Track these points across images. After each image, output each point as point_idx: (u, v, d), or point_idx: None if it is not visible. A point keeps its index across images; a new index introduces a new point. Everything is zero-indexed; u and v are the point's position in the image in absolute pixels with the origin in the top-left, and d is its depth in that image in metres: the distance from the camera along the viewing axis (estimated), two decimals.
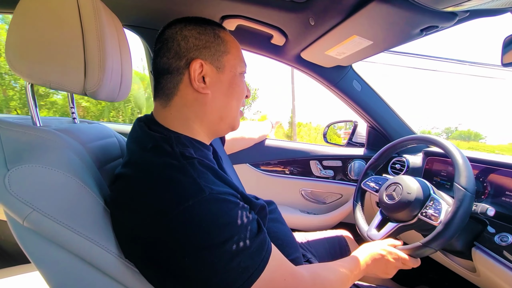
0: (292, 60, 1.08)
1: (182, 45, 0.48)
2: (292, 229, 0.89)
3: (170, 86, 0.49)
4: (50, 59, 0.45)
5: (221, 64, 0.50)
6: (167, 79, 0.49)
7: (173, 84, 0.49)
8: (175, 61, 0.48)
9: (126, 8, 0.89)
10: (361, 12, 0.64)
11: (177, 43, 0.48)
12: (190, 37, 0.48)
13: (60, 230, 0.38)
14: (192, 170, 0.42)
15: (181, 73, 0.48)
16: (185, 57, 0.48)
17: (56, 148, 0.44)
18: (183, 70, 0.48)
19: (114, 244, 0.42)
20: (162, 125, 0.50)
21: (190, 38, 0.48)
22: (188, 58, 0.48)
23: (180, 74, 0.48)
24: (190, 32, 0.48)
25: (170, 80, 0.49)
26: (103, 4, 0.51)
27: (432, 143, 0.77)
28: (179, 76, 0.49)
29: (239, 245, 0.39)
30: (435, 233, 0.61)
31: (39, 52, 0.44)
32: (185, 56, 0.48)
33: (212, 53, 0.49)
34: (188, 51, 0.48)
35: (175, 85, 0.49)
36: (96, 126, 0.64)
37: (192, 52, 0.48)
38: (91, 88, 0.48)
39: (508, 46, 0.54)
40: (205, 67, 0.48)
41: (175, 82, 0.49)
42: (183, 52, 0.48)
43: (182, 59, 0.48)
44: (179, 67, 0.48)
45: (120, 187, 0.46)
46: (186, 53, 0.48)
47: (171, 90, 0.49)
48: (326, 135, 1.48)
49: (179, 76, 0.49)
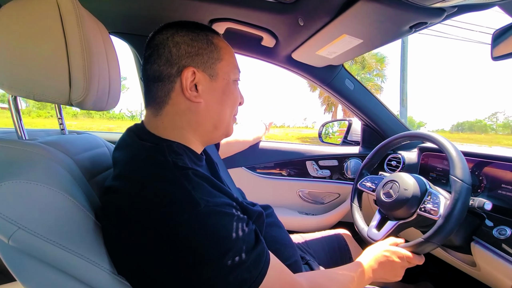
0: (284, 61, 1.07)
1: (174, 52, 0.46)
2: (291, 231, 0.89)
3: (161, 95, 0.47)
4: (33, 70, 0.43)
5: (214, 72, 0.49)
6: (158, 87, 0.47)
7: (164, 92, 0.47)
8: (166, 69, 0.46)
9: (112, 14, 0.87)
10: (350, 11, 0.63)
11: (168, 50, 0.46)
12: (182, 43, 0.46)
13: (48, 248, 0.36)
14: (187, 182, 0.41)
15: (173, 81, 0.46)
16: (177, 64, 0.46)
17: (42, 162, 0.42)
18: (174, 78, 0.46)
19: (106, 260, 0.41)
20: (153, 133, 0.48)
21: (182, 44, 0.46)
22: (180, 66, 0.46)
23: (171, 82, 0.47)
24: (182, 38, 0.47)
25: (161, 88, 0.47)
26: (87, 12, 0.50)
27: (425, 138, 0.77)
28: (171, 84, 0.47)
29: (236, 259, 0.38)
30: (436, 227, 0.60)
31: (21, 63, 0.43)
32: (176, 63, 0.46)
33: (205, 60, 0.48)
34: (180, 58, 0.46)
35: (166, 93, 0.47)
36: (85, 137, 0.63)
37: (184, 60, 0.46)
38: (77, 98, 0.47)
39: (497, 40, 0.54)
40: (197, 75, 0.47)
41: (166, 90, 0.47)
42: (175, 60, 0.46)
43: (174, 67, 0.46)
44: (170, 74, 0.46)
45: (111, 201, 0.44)
46: (178, 60, 0.46)
47: (162, 99, 0.47)
48: (321, 135, 1.48)
49: (171, 84, 0.47)
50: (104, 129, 12.20)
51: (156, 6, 0.81)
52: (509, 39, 0.53)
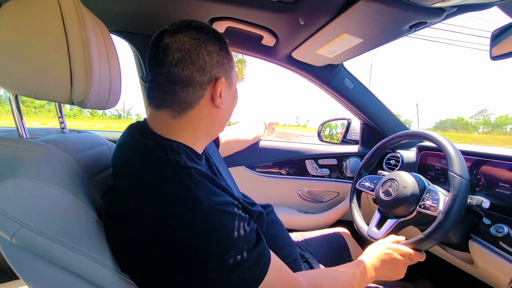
0: (284, 60, 1.07)
1: (207, 60, 0.47)
2: (291, 230, 0.89)
3: (190, 100, 0.47)
4: (34, 69, 0.43)
5: (230, 80, 0.52)
6: (188, 92, 0.47)
7: (194, 98, 0.47)
8: (199, 76, 0.46)
9: (113, 13, 0.87)
10: (350, 11, 0.64)
11: (202, 58, 0.46)
12: (214, 52, 0.47)
13: (51, 246, 0.37)
14: (190, 181, 0.41)
15: (204, 88, 0.47)
16: (209, 73, 0.47)
17: (44, 160, 0.42)
18: (205, 86, 0.47)
19: (109, 258, 0.41)
20: (156, 133, 0.48)
21: (214, 54, 0.47)
22: (211, 75, 0.47)
23: (202, 89, 0.47)
24: (213, 48, 0.48)
25: (191, 94, 0.47)
26: (87, 10, 0.50)
27: (423, 137, 0.77)
28: (202, 91, 0.47)
29: (238, 257, 0.39)
30: (437, 222, 0.61)
31: (22, 62, 0.43)
32: (209, 72, 0.47)
33: (226, 69, 0.50)
34: (212, 67, 0.47)
35: (196, 99, 0.47)
36: (86, 135, 0.63)
37: (215, 69, 0.48)
38: (78, 97, 0.47)
39: (496, 40, 0.54)
40: (223, 84, 0.49)
41: (196, 97, 0.47)
42: (208, 68, 0.47)
43: (206, 75, 0.47)
44: (202, 82, 0.47)
45: (114, 199, 0.44)
46: (210, 69, 0.47)
47: (189, 104, 0.47)
48: (321, 134, 1.48)
49: (202, 91, 0.47)
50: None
51: (156, 4, 0.81)
52: (508, 39, 0.53)
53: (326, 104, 23.61)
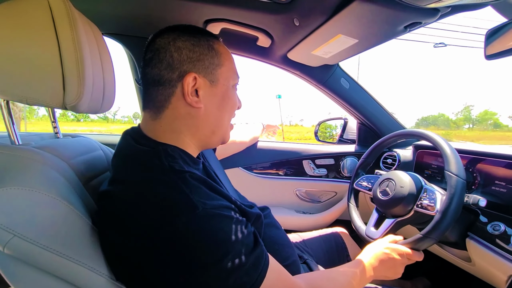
0: (279, 61, 1.07)
1: (175, 56, 0.46)
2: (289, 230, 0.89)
3: (161, 99, 0.47)
4: (25, 74, 0.42)
5: (214, 78, 0.49)
6: (158, 91, 0.47)
7: (165, 96, 0.47)
8: (167, 73, 0.46)
9: (105, 15, 0.86)
10: (345, 11, 0.64)
11: (170, 54, 0.46)
12: (183, 48, 0.46)
13: (44, 255, 0.36)
14: (184, 185, 0.40)
15: (173, 85, 0.46)
16: (178, 69, 0.46)
17: (36, 167, 0.41)
18: (175, 83, 0.46)
19: (104, 266, 0.40)
20: (150, 137, 0.48)
21: (184, 49, 0.46)
22: (181, 71, 0.46)
23: (172, 86, 0.46)
24: (184, 44, 0.46)
25: (162, 92, 0.47)
26: (79, 13, 0.49)
27: (419, 136, 0.77)
28: (171, 88, 0.46)
29: (235, 262, 0.38)
30: (434, 222, 0.61)
31: (13, 67, 0.42)
32: (178, 68, 0.46)
33: (205, 66, 0.48)
34: (181, 63, 0.46)
35: (166, 97, 0.47)
36: (80, 140, 0.62)
37: (185, 65, 0.46)
38: (71, 102, 0.46)
39: (490, 38, 0.55)
40: (198, 81, 0.47)
41: (166, 95, 0.47)
42: (176, 64, 0.46)
43: (175, 72, 0.46)
44: (171, 79, 0.46)
45: (108, 206, 0.44)
46: (179, 65, 0.46)
47: (162, 103, 0.47)
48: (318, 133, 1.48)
49: (171, 88, 0.46)
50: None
51: (150, 6, 0.80)
52: (501, 38, 0.53)
53: (319, 103, 23.58)
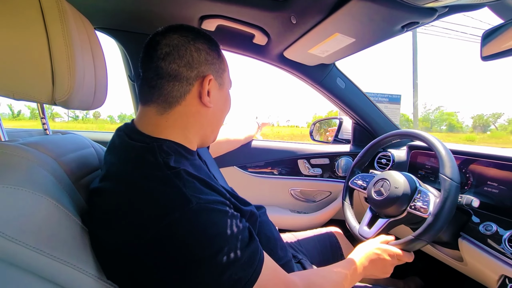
0: (275, 59, 1.06)
1: (195, 56, 0.48)
2: (283, 230, 0.88)
3: (176, 95, 0.47)
4: (12, 68, 0.41)
5: (222, 81, 0.53)
6: (174, 86, 0.47)
7: (180, 93, 0.47)
8: (186, 71, 0.47)
9: (98, 10, 0.84)
10: (343, 10, 0.63)
11: (190, 53, 0.47)
12: (203, 50, 0.49)
13: (31, 256, 0.34)
14: (177, 180, 0.40)
15: (191, 84, 0.48)
16: (197, 69, 0.48)
17: (22, 164, 0.40)
18: (192, 81, 0.48)
19: (92, 266, 0.39)
20: (145, 133, 0.47)
21: (203, 51, 0.49)
22: (199, 71, 0.48)
23: (189, 84, 0.48)
24: (202, 46, 0.49)
25: (178, 89, 0.47)
26: (70, 6, 0.47)
27: (415, 137, 0.78)
28: (188, 86, 0.48)
29: (230, 256, 0.38)
30: (426, 225, 0.61)
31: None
32: (196, 68, 0.48)
33: (216, 69, 0.51)
34: (200, 64, 0.48)
35: (182, 94, 0.48)
36: (70, 137, 0.60)
37: (203, 66, 0.48)
38: (61, 97, 0.44)
39: (486, 39, 0.55)
40: (211, 83, 0.50)
41: (182, 92, 0.48)
42: (195, 64, 0.48)
43: (194, 71, 0.48)
44: (189, 77, 0.47)
45: (98, 203, 0.43)
46: (198, 65, 0.48)
47: (176, 99, 0.48)
48: (313, 133, 1.48)
49: (188, 86, 0.48)
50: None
51: (144, 1, 0.79)
52: (497, 39, 0.54)
53: (307, 103, 23.41)
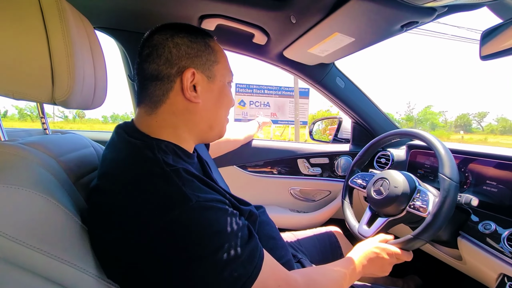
0: (275, 59, 1.06)
1: (174, 52, 0.47)
2: (283, 229, 0.89)
3: (158, 94, 0.47)
4: (12, 68, 0.41)
5: (211, 74, 0.50)
6: (156, 86, 0.47)
7: (163, 91, 0.47)
8: (166, 68, 0.46)
9: (98, 9, 0.84)
10: (342, 9, 0.63)
11: (168, 50, 0.46)
12: (182, 44, 0.47)
13: (30, 255, 0.34)
14: (177, 178, 0.40)
15: (172, 80, 0.47)
16: (177, 65, 0.47)
17: (22, 164, 0.40)
18: (174, 78, 0.47)
19: (92, 265, 0.39)
20: (144, 132, 0.47)
21: (182, 45, 0.47)
22: (180, 66, 0.47)
23: (170, 81, 0.47)
24: (182, 40, 0.47)
25: (160, 87, 0.47)
26: (70, 5, 0.47)
27: (414, 136, 0.78)
28: (170, 84, 0.47)
29: (230, 253, 0.38)
30: (425, 224, 0.61)
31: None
32: (176, 64, 0.47)
33: (203, 62, 0.49)
34: (180, 59, 0.47)
35: (164, 92, 0.47)
36: (70, 137, 0.60)
37: (184, 61, 0.47)
38: (60, 97, 0.44)
39: (485, 39, 0.55)
40: (196, 76, 0.48)
41: (164, 90, 0.47)
42: (175, 60, 0.47)
43: (174, 67, 0.47)
44: (169, 74, 0.47)
45: (97, 201, 0.43)
46: (178, 61, 0.47)
47: (159, 98, 0.47)
48: (312, 133, 1.48)
49: (170, 84, 0.47)
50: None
51: (144, 0, 0.78)
52: (496, 39, 0.54)
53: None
